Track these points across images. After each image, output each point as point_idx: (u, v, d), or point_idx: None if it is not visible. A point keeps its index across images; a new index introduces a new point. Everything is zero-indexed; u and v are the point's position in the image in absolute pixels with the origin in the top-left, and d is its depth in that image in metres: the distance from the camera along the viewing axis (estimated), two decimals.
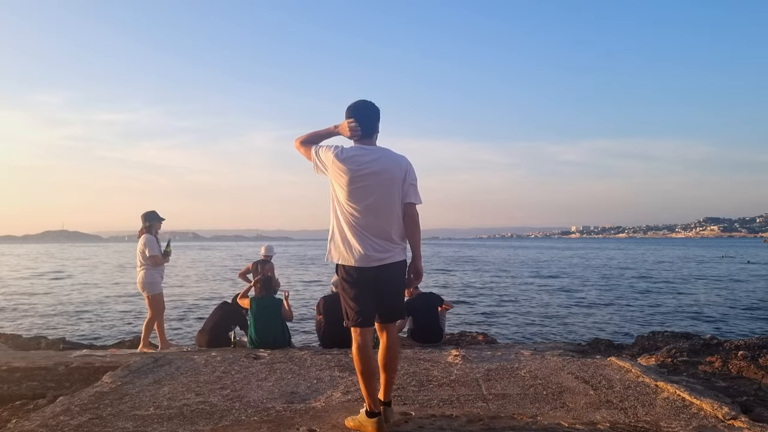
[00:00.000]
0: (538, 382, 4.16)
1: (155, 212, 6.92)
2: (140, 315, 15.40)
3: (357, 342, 3.10)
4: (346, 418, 3.25)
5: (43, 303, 18.62)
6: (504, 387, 4.05)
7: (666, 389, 3.86)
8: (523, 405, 3.60)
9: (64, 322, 14.30)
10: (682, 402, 3.58)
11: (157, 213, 6.93)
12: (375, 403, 3.07)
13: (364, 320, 3.10)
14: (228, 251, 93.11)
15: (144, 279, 6.64)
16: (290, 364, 4.93)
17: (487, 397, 3.79)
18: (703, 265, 40.37)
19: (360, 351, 3.08)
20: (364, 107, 3.18)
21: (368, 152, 3.11)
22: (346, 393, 3.93)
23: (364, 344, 3.09)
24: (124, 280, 29.49)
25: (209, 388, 4.08)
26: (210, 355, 5.36)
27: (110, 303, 18.33)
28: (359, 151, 3.10)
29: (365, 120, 3.15)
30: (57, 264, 49.98)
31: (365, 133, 3.15)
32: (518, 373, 4.49)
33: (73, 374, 4.86)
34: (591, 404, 3.59)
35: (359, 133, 3.12)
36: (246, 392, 3.95)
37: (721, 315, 15.27)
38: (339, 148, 3.15)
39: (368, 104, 3.19)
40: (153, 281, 6.64)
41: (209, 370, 4.66)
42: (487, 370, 4.56)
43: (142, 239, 6.70)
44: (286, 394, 3.90)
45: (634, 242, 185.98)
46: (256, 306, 6.57)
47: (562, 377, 4.31)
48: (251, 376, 4.45)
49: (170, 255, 6.97)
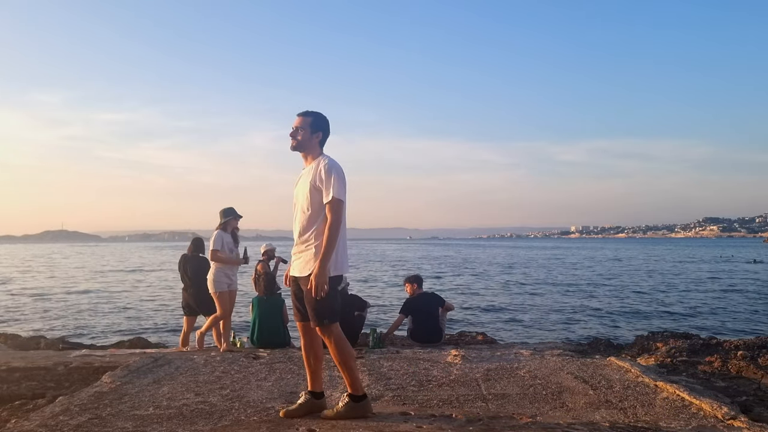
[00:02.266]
0: (538, 382, 4.16)
1: (233, 209, 6.74)
2: (140, 315, 15.41)
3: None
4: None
5: (41, 303, 18.61)
6: (503, 387, 4.06)
7: (665, 389, 3.86)
8: (523, 405, 3.60)
9: (63, 322, 14.29)
10: (681, 402, 3.58)
11: (235, 209, 6.75)
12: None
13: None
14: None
15: (211, 276, 6.48)
16: (290, 363, 4.93)
17: (486, 397, 3.79)
18: (704, 265, 40.38)
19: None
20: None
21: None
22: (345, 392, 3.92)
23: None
24: (124, 279, 29.50)
25: (209, 388, 4.08)
26: (209, 355, 5.36)
27: (109, 302, 18.33)
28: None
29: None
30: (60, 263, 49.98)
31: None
32: (518, 373, 4.49)
33: (73, 374, 4.86)
34: (590, 404, 3.59)
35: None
36: (245, 392, 3.95)
37: (721, 314, 15.28)
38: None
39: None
40: (217, 279, 6.49)
41: (209, 370, 4.66)
42: (486, 370, 4.56)
43: (213, 234, 6.57)
44: (285, 394, 3.90)
45: (633, 242, 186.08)
46: (259, 306, 6.57)
47: (561, 377, 4.31)
48: (251, 376, 4.45)
49: (248, 259, 6.72)
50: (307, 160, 3.41)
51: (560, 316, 15.06)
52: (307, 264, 3.25)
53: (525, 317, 14.71)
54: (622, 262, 45.44)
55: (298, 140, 3.35)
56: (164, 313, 15.68)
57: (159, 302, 18.07)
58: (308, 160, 3.40)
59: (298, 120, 3.37)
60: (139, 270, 38.73)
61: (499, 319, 14.21)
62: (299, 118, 3.37)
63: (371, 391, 3.97)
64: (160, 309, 16.56)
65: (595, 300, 18.80)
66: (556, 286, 24.33)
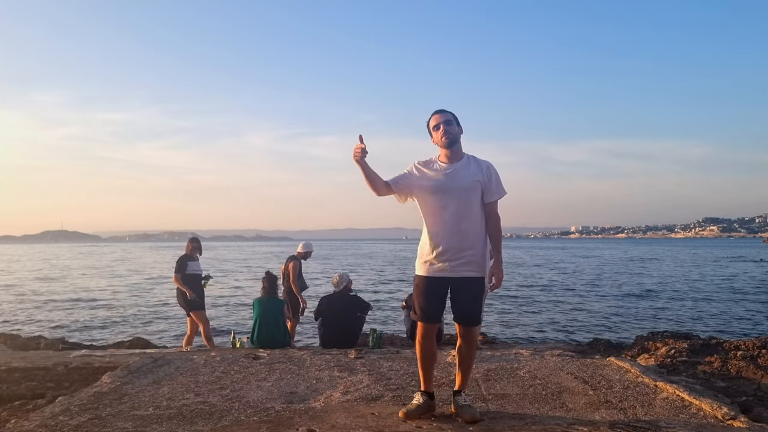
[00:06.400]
0: (538, 383, 4.16)
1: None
2: (139, 315, 15.41)
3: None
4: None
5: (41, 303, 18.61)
6: (503, 387, 4.05)
7: (665, 389, 3.86)
8: (523, 405, 3.60)
9: (63, 322, 14.29)
10: (681, 402, 3.58)
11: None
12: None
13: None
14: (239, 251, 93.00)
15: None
16: (290, 364, 4.93)
17: (486, 398, 3.79)
18: (705, 266, 40.36)
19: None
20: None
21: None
22: (346, 393, 3.92)
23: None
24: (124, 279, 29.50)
25: (208, 388, 4.07)
26: (209, 355, 5.36)
27: (112, 302, 18.33)
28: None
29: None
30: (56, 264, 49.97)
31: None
32: (518, 373, 4.49)
33: (72, 374, 4.86)
34: (590, 404, 3.59)
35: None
36: (245, 392, 3.95)
37: (721, 315, 15.28)
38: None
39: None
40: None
41: (208, 370, 4.65)
42: (486, 371, 4.56)
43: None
44: (285, 395, 3.90)
45: (633, 242, 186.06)
46: (260, 306, 6.57)
47: (561, 377, 4.31)
48: (250, 376, 4.45)
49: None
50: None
51: (560, 316, 15.06)
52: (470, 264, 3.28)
53: (525, 317, 14.72)
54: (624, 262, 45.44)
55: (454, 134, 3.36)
56: (165, 312, 15.69)
57: (158, 301, 18.09)
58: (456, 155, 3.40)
59: (442, 115, 3.37)
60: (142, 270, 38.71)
61: (499, 320, 14.21)
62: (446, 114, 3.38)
63: (371, 391, 3.97)
64: (161, 308, 16.57)
65: (594, 300, 18.81)
66: (556, 286, 24.34)
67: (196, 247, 7.43)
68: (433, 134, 3.40)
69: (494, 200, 3.35)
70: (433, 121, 3.39)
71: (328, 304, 6.88)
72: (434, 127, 3.37)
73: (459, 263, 3.26)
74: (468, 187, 3.28)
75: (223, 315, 14.77)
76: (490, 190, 3.33)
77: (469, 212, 3.27)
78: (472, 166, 3.35)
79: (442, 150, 3.39)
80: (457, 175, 3.30)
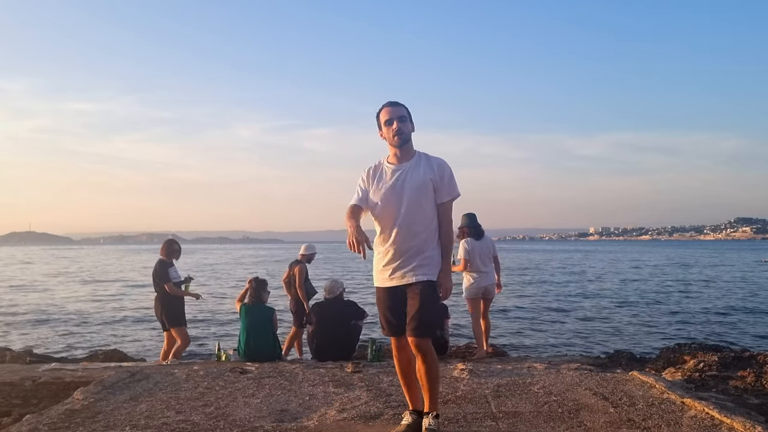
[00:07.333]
0: (553, 399, 4.16)
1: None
2: (114, 326, 15.41)
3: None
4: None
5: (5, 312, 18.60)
6: (515, 404, 4.06)
7: (693, 407, 3.86)
8: (537, 424, 3.60)
9: (30, 333, 14.29)
10: (711, 421, 3.58)
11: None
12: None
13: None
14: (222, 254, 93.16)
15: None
16: (280, 378, 4.93)
17: (496, 416, 3.79)
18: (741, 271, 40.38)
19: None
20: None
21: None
22: (342, 411, 3.93)
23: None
24: (99, 286, 29.50)
25: (191, 405, 4.07)
26: (192, 369, 5.36)
27: (85, 312, 18.33)
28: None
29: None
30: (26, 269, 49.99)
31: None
32: (531, 388, 4.49)
33: (41, 390, 4.86)
34: (611, 423, 3.59)
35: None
36: (231, 410, 3.95)
37: (756, 325, 15.28)
38: None
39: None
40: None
41: (191, 386, 4.66)
42: (496, 386, 4.57)
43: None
44: (275, 412, 3.90)
45: (658, 245, 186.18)
46: (246, 314, 6.57)
47: (579, 393, 4.31)
48: (237, 392, 4.45)
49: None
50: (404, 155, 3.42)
51: (578, 325, 15.06)
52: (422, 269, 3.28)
53: (539, 327, 14.71)
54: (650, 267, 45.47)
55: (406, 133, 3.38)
56: (143, 323, 15.69)
57: (136, 311, 18.10)
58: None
59: (397, 110, 3.37)
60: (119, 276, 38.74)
61: (510, 329, 14.21)
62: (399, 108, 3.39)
63: (370, 408, 3.97)
64: (138, 319, 16.58)
65: (616, 308, 18.81)
66: (573, 292, 24.34)
67: (174, 250, 7.38)
68: (383, 129, 3.40)
69: (447, 201, 3.37)
70: (384, 114, 3.37)
71: (320, 311, 6.90)
72: (386, 122, 3.37)
73: (410, 268, 3.26)
74: (419, 188, 3.30)
75: (207, 325, 14.79)
76: (443, 189, 3.35)
77: (420, 214, 3.29)
78: (423, 165, 3.37)
79: (391, 149, 3.42)
80: (408, 175, 3.34)
